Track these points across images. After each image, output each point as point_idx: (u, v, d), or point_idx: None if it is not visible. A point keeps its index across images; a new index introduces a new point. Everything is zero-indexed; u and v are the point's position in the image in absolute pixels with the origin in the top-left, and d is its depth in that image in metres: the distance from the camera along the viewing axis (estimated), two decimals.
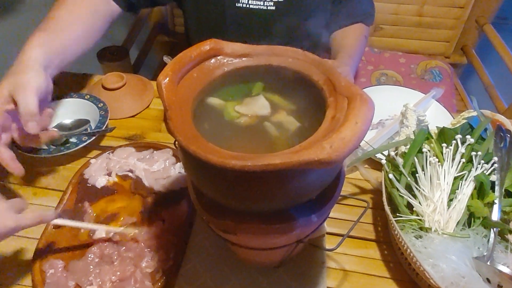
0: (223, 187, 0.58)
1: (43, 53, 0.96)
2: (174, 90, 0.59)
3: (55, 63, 1.01)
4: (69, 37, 1.07)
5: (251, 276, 0.87)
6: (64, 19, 1.08)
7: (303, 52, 0.66)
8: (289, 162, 0.47)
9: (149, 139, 1.20)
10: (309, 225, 0.64)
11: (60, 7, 1.09)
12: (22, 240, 0.94)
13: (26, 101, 0.85)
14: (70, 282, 0.83)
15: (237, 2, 1.31)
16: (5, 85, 0.87)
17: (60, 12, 1.08)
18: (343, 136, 0.48)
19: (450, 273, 0.78)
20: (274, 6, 1.31)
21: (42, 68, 0.94)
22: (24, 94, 0.85)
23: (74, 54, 1.09)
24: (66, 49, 1.05)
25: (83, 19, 1.12)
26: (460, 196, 0.87)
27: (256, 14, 1.33)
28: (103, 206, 0.97)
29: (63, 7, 1.09)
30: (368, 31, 1.54)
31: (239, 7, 1.32)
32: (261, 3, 1.30)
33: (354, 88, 0.55)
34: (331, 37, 1.53)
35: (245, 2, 1.31)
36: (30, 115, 0.85)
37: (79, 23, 1.11)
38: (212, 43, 0.66)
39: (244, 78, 0.69)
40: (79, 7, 1.12)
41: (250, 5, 1.31)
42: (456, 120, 1.07)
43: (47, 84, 0.93)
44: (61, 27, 1.06)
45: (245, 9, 1.32)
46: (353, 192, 1.07)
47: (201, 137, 0.54)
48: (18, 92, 0.86)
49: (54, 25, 1.05)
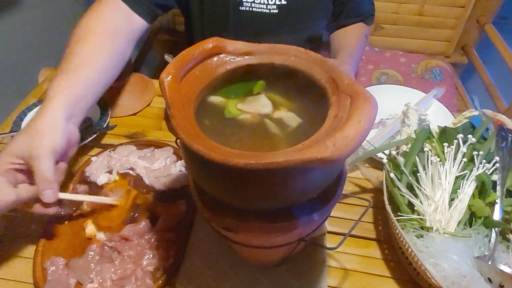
0: (225, 185, 0.57)
1: (65, 101, 0.86)
2: (176, 88, 0.59)
3: (81, 106, 0.91)
4: (92, 75, 0.95)
5: (252, 275, 0.87)
6: (83, 54, 0.96)
7: (306, 50, 0.66)
8: (292, 160, 0.47)
9: (150, 137, 1.20)
10: (311, 223, 0.64)
11: (79, 38, 0.99)
12: (23, 237, 0.94)
13: (41, 170, 0.78)
14: (71, 280, 0.83)
15: (240, 6, 1.31)
16: (18, 146, 0.80)
17: (79, 45, 0.97)
18: (346, 135, 0.48)
19: (452, 273, 0.78)
20: (277, 9, 1.32)
21: (64, 122, 0.84)
22: (38, 161, 0.78)
23: (100, 88, 0.99)
24: (91, 87, 0.94)
25: (106, 47, 1.01)
26: (462, 196, 0.87)
27: (259, 17, 1.33)
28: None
29: (83, 39, 0.99)
30: (368, 30, 1.54)
31: (242, 11, 1.32)
32: (264, 6, 1.31)
33: (357, 87, 0.55)
34: (331, 36, 1.53)
35: (249, 5, 1.31)
36: (47, 182, 0.79)
37: (102, 53, 0.99)
38: (214, 41, 0.66)
39: (246, 76, 0.69)
40: (101, 34, 1.01)
41: (254, 8, 1.32)
42: (457, 119, 1.07)
43: (68, 139, 0.85)
44: (81, 65, 0.94)
45: (249, 12, 1.32)
46: (354, 191, 1.07)
47: (203, 135, 0.54)
48: (32, 159, 0.78)
49: (74, 64, 0.93)
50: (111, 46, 1.03)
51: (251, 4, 1.31)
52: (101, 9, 1.06)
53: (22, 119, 1.17)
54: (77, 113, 0.90)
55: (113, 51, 1.03)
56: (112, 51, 1.03)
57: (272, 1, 1.30)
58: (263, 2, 1.30)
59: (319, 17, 1.44)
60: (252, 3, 1.31)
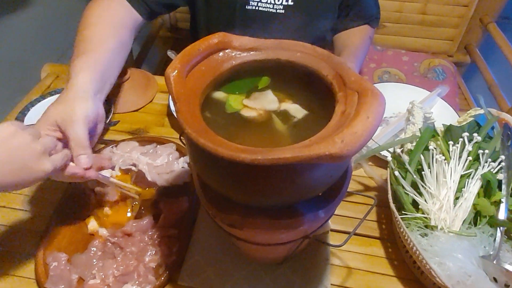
0: (231, 181, 0.57)
1: (89, 78, 0.91)
2: (182, 83, 0.58)
3: (104, 82, 0.96)
4: (108, 56, 1.01)
5: (254, 272, 0.87)
6: (95, 39, 1.02)
7: (312, 46, 0.66)
8: (300, 156, 0.47)
9: (152, 133, 1.20)
10: (316, 220, 0.64)
11: (88, 27, 1.05)
12: (25, 233, 0.94)
13: (76, 134, 0.80)
14: (73, 275, 0.83)
15: (247, 5, 1.32)
16: (52, 114, 0.82)
17: (90, 32, 1.04)
18: (355, 131, 0.47)
19: (457, 272, 0.78)
20: (283, 9, 1.32)
21: (92, 93, 0.89)
22: (72, 126, 0.80)
23: (115, 71, 1.04)
24: (107, 68, 1.00)
25: (113, 35, 1.07)
26: (467, 195, 0.87)
27: (265, 16, 1.33)
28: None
29: (92, 27, 1.05)
30: (373, 32, 1.54)
31: (248, 9, 1.32)
32: (271, 6, 1.31)
33: (364, 83, 0.54)
34: (335, 37, 1.54)
35: (255, 5, 1.31)
36: (82, 147, 0.80)
37: (111, 40, 1.05)
38: (220, 36, 0.65)
39: (252, 72, 0.69)
40: (108, 24, 1.08)
41: (260, 7, 1.32)
42: (462, 118, 1.06)
43: (97, 112, 0.88)
44: (95, 48, 1.00)
45: (255, 11, 1.32)
46: (357, 189, 1.07)
47: (210, 130, 0.54)
48: (66, 125, 0.80)
49: (89, 47, 0.99)
50: (117, 35, 1.09)
51: (258, 3, 1.31)
52: (105, 1, 1.13)
53: (25, 115, 1.16)
54: (101, 89, 0.95)
55: (119, 41, 1.08)
56: (118, 40, 1.08)
57: (279, 1, 1.30)
58: (270, 2, 1.30)
59: (324, 19, 1.43)
60: (259, 2, 1.31)
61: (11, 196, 1.01)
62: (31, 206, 0.99)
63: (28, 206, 0.99)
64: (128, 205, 0.96)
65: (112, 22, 1.10)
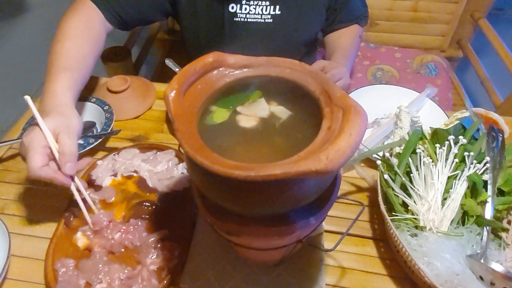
0: (227, 194, 0.61)
1: (74, 96, 1.01)
2: (180, 102, 0.62)
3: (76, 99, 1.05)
4: (87, 74, 1.11)
5: (253, 273, 0.90)
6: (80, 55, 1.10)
7: (300, 63, 0.69)
8: (288, 173, 0.51)
9: (152, 139, 1.23)
10: (308, 226, 0.68)
11: (69, 38, 1.11)
12: (35, 240, 0.98)
13: (71, 144, 0.88)
14: (81, 281, 0.86)
15: (235, 17, 1.34)
16: (51, 123, 0.89)
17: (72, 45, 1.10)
18: (338, 148, 0.51)
19: (444, 271, 0.80)
20: (271, 18, 1.34)
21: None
22: (69, 137, 0.89)
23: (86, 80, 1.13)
24: (82, 84, 1.09)
25: (93, 51, 1.15)
26: (454, 195, 0.89)
27: (254, 27, 1.36)
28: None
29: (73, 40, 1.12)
30: (362, 31, 1.58)
31: (237, 21, 1.35)
32: (259, 16, 1.33)
33: (348, 100, 0.58)
34: (325, 38, 1.57)
35: (243, 16, 1.33)
36: (71, 156, 0.88)
37: (90, 57, 1.14)
38: (215, 55, 0.69)
39: (244, 87, 0.72)
40: (87, 39, 1.15)
41: (248, 18, 1.34)
42: (449, 120, 1.09)
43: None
44: (80, 65, 1.09)
45: (243, 23, 1.35)
46: (350, 191, 1.10)
47: (206, 148, 0.58)
48: (64, 134, 0.89)
49: (74, 63, 1.07)
50: (96, 51, 1.18)
51: (246, 15, 1.33)
52: (80, 11, 1.20)
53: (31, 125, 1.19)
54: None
55: (97, 56, 1.18)
56: (96, 56, 1.18)
57: (266, 11, 1.33)
58: (258, 13, 1.33)
59: (313, 24, 1.46)
60: (247, 14, 1.33)
61: (21, 205, 1.05)
62: (39, 214, 1.03)
63: (36, 214, 1.03)
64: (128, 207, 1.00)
65: (92, 37, 1.17)
